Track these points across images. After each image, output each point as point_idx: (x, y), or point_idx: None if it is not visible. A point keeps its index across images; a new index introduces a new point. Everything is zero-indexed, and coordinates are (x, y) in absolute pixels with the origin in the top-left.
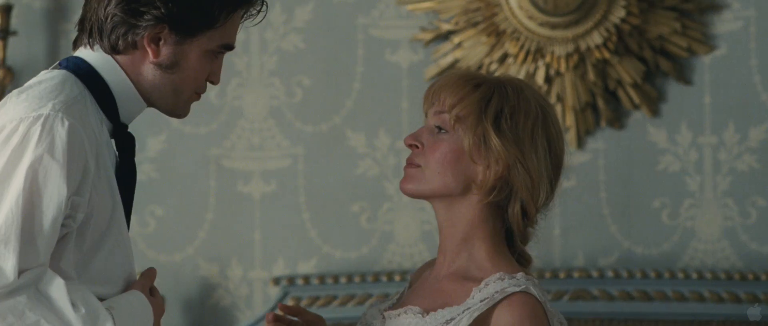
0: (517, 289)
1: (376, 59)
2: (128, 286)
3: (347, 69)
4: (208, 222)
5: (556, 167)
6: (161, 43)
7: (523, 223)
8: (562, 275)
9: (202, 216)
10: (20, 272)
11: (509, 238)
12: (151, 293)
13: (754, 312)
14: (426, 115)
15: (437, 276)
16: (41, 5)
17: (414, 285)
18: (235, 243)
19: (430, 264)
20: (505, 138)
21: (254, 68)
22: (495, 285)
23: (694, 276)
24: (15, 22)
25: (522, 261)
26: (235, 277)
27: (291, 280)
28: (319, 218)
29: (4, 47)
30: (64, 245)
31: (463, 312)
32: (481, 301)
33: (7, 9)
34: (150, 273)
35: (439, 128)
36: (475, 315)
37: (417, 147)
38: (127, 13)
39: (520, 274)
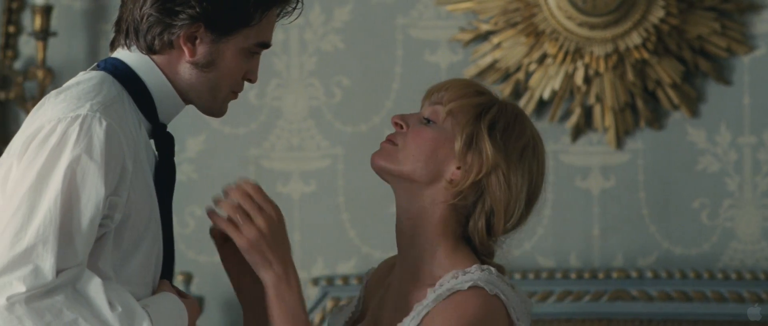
0: (466, 286)
1: (415, 60)
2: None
3: (386, 69)
4: None
5: (531, 197)
6: (197, 41)
7: (487, 238)
8: (601, 275)
9: None
10: (58, 271)
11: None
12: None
13: (754, 311)
14: (421, 108)
15: (400, 283)
16: (81, 6)
17: (376, 291)
18: None
19: (390, 268)
20: (496, 144)
21: (294, 69)
22: (448, 283)
23: (734, 276)
24: (55, 23)
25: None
26: None
27: (330, 281)
28: (358, 218)
29: (45, 48)
30: (102, 245)
31: (414, 315)
32: (433, 301)
33: (48, 10)
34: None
35: (428, 120)
36: (423, 313)
37: (401, 127)
38: (163, 12)
39: (474, 266)
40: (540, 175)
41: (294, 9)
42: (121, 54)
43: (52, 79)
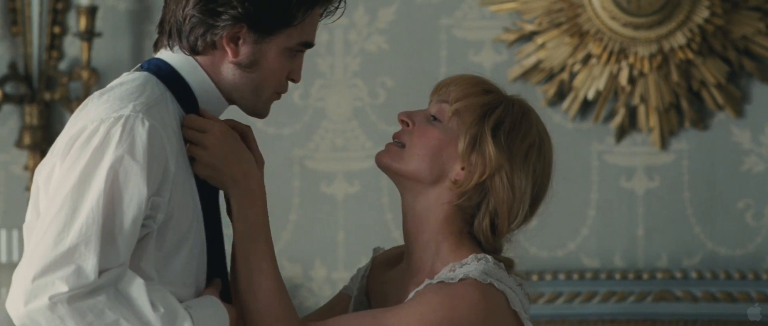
0: (457, 279)
1: (459, 60)
2: (200, 292)
3: (430, 70)
4: (292, 223)
5: (536, 197)
6: (240, 42)
7: (492, 237)
8: (645, 276)
9: (285, 217)
10: (100, 272)
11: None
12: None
13: (754, 311)
14: (429, 103)
15: (404, 277)
16: (126, 7)
17: (378, 283)
18: (318, 244)
19: (393, 259)
20: (499, 146)
21: (338, 69)
22: (444, 275)
23: None
24: (100, 23)
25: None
26: (319, 278)
27: None
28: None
29: (89, 49)
30: (145, 245)
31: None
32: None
33: (92, 11)
34: (216, 283)
35: (434, 117)
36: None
37: (408, 124)
38: (205, 13)
39: (470, 256)
40: (545, 175)
41: (337, 8)
42: (165, 55)
43: (97, 80)
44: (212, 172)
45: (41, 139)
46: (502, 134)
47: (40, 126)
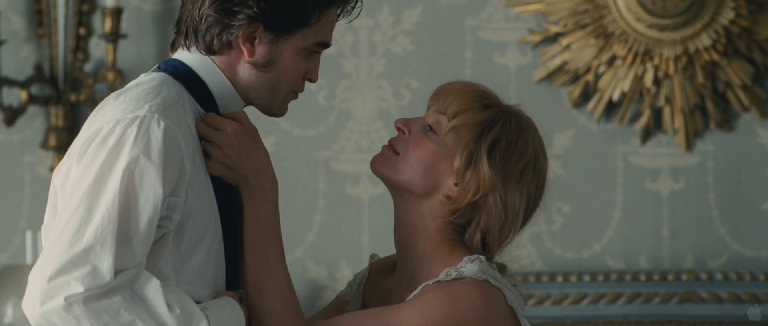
0: (455, 275)
1: (484, 61)
2: (218, 292)
3: (455, 71)
4: (317, 225)
5: (528, 215)
6: (256, 41)
7: (483, 252)
8: (670, 277)
9: (311, 219)
10: (116, 272)
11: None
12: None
13: (754, 312)
14: (427, 110)
15: (399, 286)
16: (151, 8)
17: (375, 291)
18: (343, 245)
19: (389, 267)
20: (495, 166)
21: (363, 71)
22: (441, 277)
23: None
24: (125, 25)
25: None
26: (344, 279)
27: None
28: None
29: (115, 50)
30: (162, 246)
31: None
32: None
33: (118, 12)
34: (239, 291)
35: (431, 128)
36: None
37: (403, 132)
38: (221, 13)
39: (464, 259)
40: (539, 193)
41: (353, 8)
42: (182, 55)
43: (122, 81)
44: (224, 170)
45: (67, 140)
46: (497, 153)
47: (65, 127)
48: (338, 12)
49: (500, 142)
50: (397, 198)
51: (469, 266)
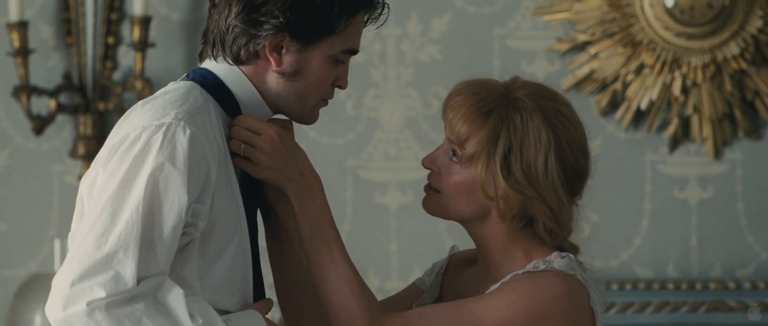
0: (544, 267)
1: (512, 70)
2: (245, 300)
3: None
4: (345, 233)
5: (576, 182)
6: (283, 51)
7: (554, 236)
8: (698, 286)
9: (339, 227)
10: (139, 279)
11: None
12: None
13: (754, 313)
14: (445, 126)
15: (480, 277)
16: (179, 17)
17: (454, 282)
18: (371, 254)
19: (469, 259)
20: (515, 178)
21: (391, 79)
22: (531, 267)
23: None
24: (153, 34)
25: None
26: (372, 287)
27: None
28: (455, 228)
29: (143, 59)
30: (188, 253)
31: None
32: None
33: (146, 21)
34: (268, 303)
35: (454, 153)
36: (498, 285)
37: (433, 169)
38: (248, 23)
39: (553, 254)
40: (575, 157)
41: (380, 14)
42: (209, 64)
43: (150, 90)
44: (270, 173)
45: (95, 149)
46: (514, 161)
47: (94, 136)
48: (365, 18)
49: (512, 150)
50: (466, 227)
51: (559, 260)
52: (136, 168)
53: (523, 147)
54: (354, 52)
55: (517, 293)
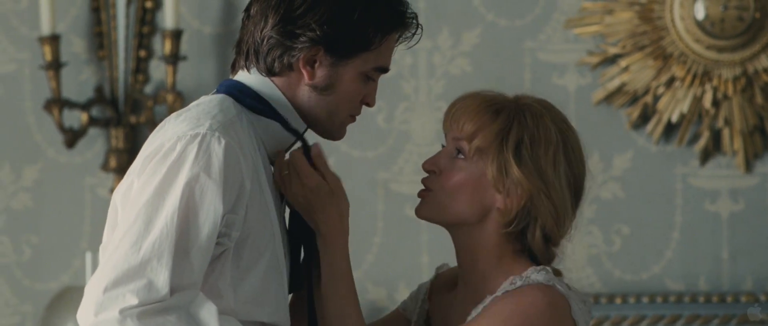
0: (520, 283)
1: (543, 83)
2: (278, 314)
3: (515, 92)
4: (376, 246)
5: (577, 192)
6: (316, 65)
7: (546, 247)
8: (729, 299)
9: (370, 241)
10: (172, 288)
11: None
12: None
13: (754, 311)
14: (445, 135)
15: (464, 299)
16: (211, 31)
17: (439, 307)
18: (402, 267)
19: (451, 280)
20: (527, 168)
21: (422, 92)
22: (507, 287)
23: None
24: (185, 47)
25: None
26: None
27: None
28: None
29: (174, 72)
30: (222, 263)
31: (473, 315)
32: (490, 300)
33: (178, 34)
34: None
35: (458, 151)
36: (479, 308)
37: (434, 172)
38: (283, 35)
39: (529, 269)
40: (580, 166)
41: (414, 34)
42: (241, 76)
43: (182, 103)
44: (301, 212)
45: (127, 162)
46: (525, 153)
47: (125, 149)
48: (398, 37)
49: (523, 141)
50: (453, 232)
51: (535, 275)
52: (171, 177)
53: (533, 141)
54: (385, 70)
55: (501, 314)
